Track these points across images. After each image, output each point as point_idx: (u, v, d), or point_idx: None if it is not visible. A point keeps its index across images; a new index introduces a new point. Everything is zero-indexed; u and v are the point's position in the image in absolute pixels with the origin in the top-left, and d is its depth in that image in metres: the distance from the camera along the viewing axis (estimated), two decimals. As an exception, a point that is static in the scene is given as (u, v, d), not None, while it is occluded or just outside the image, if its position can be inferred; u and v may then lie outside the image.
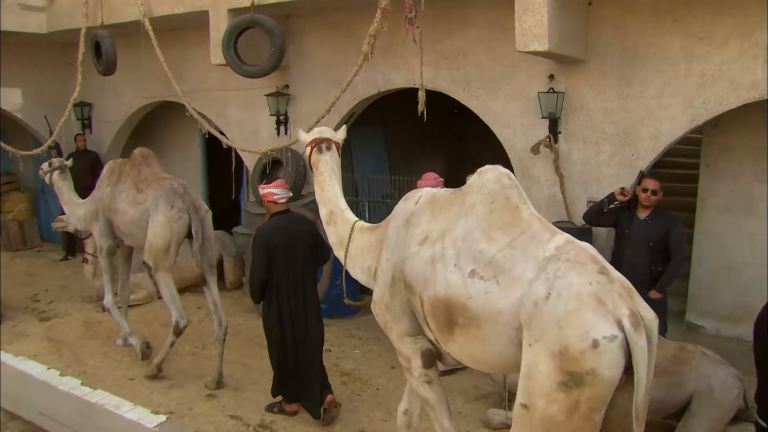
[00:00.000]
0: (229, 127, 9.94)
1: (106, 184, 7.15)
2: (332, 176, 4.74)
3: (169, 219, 6.45)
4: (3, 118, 11.92)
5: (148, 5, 8.81)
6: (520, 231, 3.55)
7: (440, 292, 3.65)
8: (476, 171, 3.88)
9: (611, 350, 3.05)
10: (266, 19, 7.49)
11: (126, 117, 11.49)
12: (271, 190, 5.72)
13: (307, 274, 5.75)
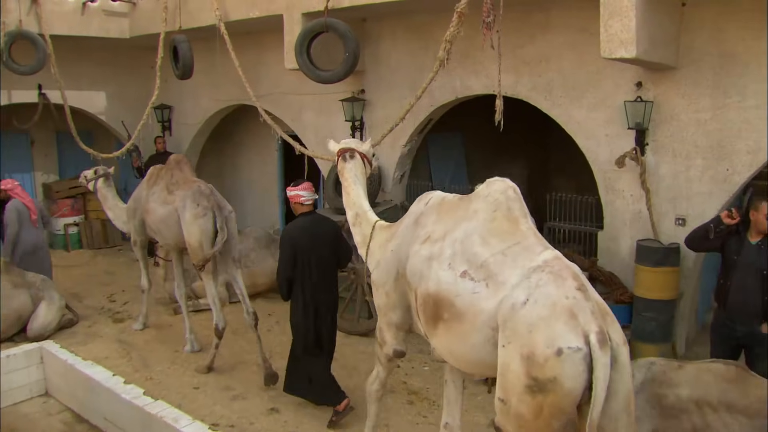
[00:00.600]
0: (304, 132, 9.82)
1: (144, 186, 7.72)
2: (356, 181, 5.10)
3: (195, 216, 6.91)
4: (88, 120, 12.18)
5: (224, 10, 8.76)
6: (515, 241, 3.76)
7: (431, 288, 3.92)
8: (485, 181, 4.11)
9: (574, 361, 3.21)
10: (340, 24, 7.28)
11: (204, 120, 11.56)
12: (298, 192, 5.94)
13: (330, 272, 5.99)
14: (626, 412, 3.38)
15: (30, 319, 8.24)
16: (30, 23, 9.89)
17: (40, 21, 9.93)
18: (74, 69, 11.33)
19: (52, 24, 10.10)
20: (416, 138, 8.59)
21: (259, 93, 10.12)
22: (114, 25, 10.70)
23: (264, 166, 12.36)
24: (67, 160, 13.39)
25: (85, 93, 11.70)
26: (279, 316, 8.68)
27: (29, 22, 9.88)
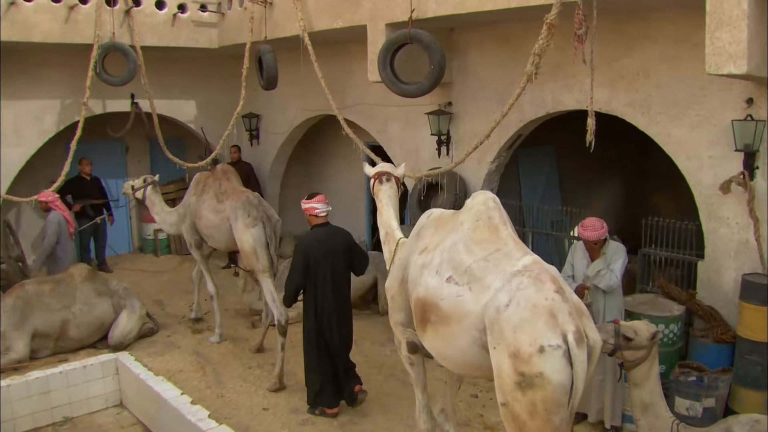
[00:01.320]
0: (390, 144, 9.56)
1: (193, 193, 8.30)
2: (388, 203, 5.53)
3: (246, 225, 7.43)
4: (180, 127, 12.34)
5: (309, 20, 8.61)
6: (496, 247, 4.05)
7: (421, 293, 4.26)
8: (471, 195, 4.60)
9: (555, 357, 3.49)
10: (424, 35, 6.96)
11: (290, 129, 11.48)
12: (313, 205, 6.30)
13: (343, 281, 6.30)
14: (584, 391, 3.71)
15: (111, 326, 8.30)
16: (123, 35, 10.07)
17: (132, 33, 10.10)
18: (165, 78, 11.49)
19: (144, 35, 10.25)
20: (504, 154, 8.17)
21: (345, 104, 10.00)
22: (203, 35, 10.76)
23: (351, 176, 12.18)
24: (158, 167, 13.54)
25: (175, 102, 11.84)
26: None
27: (122, 34, 10.05)
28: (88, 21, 9.75)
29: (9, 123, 10.42)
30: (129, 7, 10.02)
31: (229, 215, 7.64)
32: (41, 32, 9.49)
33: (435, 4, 6.97)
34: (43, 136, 10.72)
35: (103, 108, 11.14)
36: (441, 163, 8.55)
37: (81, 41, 9.74)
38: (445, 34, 8.21)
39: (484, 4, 6.52)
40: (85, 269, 8.49)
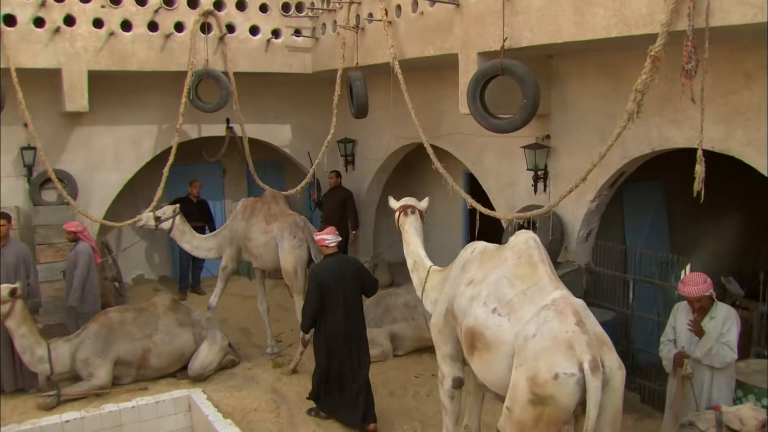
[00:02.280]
0: (485, 177, 9.05)
1: (241, 218, 8.92)
2: (415, 234, 6.08)
3: (292, 246, 8.28)
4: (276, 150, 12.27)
5: (399, 47, 8.25)
6: (533, 282, 4.54)
7: (470, 323, 4.73)
8: (515, 233, 4.97)
9: (568, 384, 3.96)
10: (517, 66, 6.42)
11: (386, 156, 11.16)
12: (323, 237, 6.88)
13: (354, 304, 6.75)
14: (611, 427, 4.09)
15: (192, 357, 8.20)
16: (216, 62, 10.06)
17: (226, 59, 10.07)
18: (260, 102, 11.45)
19: (237, 61, 10.21)
20: (606, 192, 7.49)
21: (440, 132, 9.59)
22: (297, 60, 10.63)
23: (449, 204, 11.71)
24: (256, 189, 13.58)
25: (270, 126, 11.77)
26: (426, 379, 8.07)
27: (216, 61, 10.05)
28: (183, 48, 9.80)
29: (108, 148, 10.64)
30: (223, 33, 10.00)
31: (276, 236, 8.43)
32: (138, 61, 9.61)
33: (529, 32, 6.44)
34: (140, 160, 10.88)
35: (199, 132, 11.20)
36: (537, 200, 7.97)
37: (176, 68, 9.81)
38: (542, 62, 7.65)
39: (581, 33, 5.93)
40: (168, 299, 8.46)
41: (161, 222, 9.03)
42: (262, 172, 13.56)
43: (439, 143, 9.68)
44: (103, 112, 10.42)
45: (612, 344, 4.22)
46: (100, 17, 9.38)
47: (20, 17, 9.03)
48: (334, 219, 11.35)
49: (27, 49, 9.09)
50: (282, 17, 10.43)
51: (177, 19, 9.80)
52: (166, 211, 9.11)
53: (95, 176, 10.60)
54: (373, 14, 8.74)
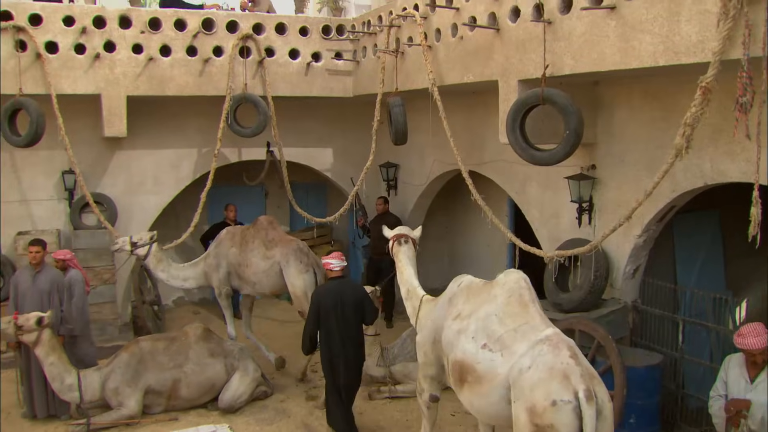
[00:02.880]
0: (528, 207, 8.69)
1: (230, 245, 8.93)
2: (408, 263, 6.46)
3: (299, 271, 8.48)
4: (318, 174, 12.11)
5: (439, 73, 7.99)
6: (525, 321, 4.78)
7: (459, 356, 4.95)
8: (504, 272, 5.28)
9: (566, 411, 4.21)
10: (559, 96, 6.07)
11: (428, 181, 10.86)
12: (328, 261, 6.96)
13: (351, 328, 6.80)
14: None
15: (223, 388, 8.02)
16: (255, 86, 9.95)
17: (265, 84, 9.95)
18: (301, 126, 11.33)
19: (276, 85, 10.09)
20: (654, 227, 7.06)
21: (483, 159, 9.28)
22: (337, 84, 10.46)
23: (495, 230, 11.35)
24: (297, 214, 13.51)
25: (311, 150, 11.63)
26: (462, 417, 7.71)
27: (254, 85, 9.95)
28: (222, 73, 9.74)
29: (148, 171, 10.63)
30: (262, 57, 9.90)
31: (279, 261, 8.54)
32: (177, 86, 9.58)
33: (572, 59, 6.10)
34: (180, 184, 10.84)
35: (239, 156, 11.13)
36: (582, 233, 7.58)
37: (214, 93, 9.75)
38: (587, 88, 7.29)
39: (627, 60, 5.57)
40: (200, 328, 8.30)
41: (137, 248, 8.91)
42: (305, 195, 13.49)
43: (482, 170, 9.37)
44: (143, 136, 10.43)
45: (601, 379, 4.53)
46: (139, 43, 9.39)
47: (62, 44, 9.09)
48: (384, 245, 11.09)
49: (68, 75, 9.14)
50: (322, 40, 10.28)
51: (216, 44, 9.75)
52: (143, 236, 8.99)
53: (135, 200, 10.60)
54: (413, 38, 8.50)
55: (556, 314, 7.28)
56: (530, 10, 6.53)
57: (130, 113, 9.66)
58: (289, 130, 11.13)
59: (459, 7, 7.62)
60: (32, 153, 9.71)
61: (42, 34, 8.99)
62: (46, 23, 9.02)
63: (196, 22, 9.60)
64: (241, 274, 8.88)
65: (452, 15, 7.77)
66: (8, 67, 8.90)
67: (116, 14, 9.26)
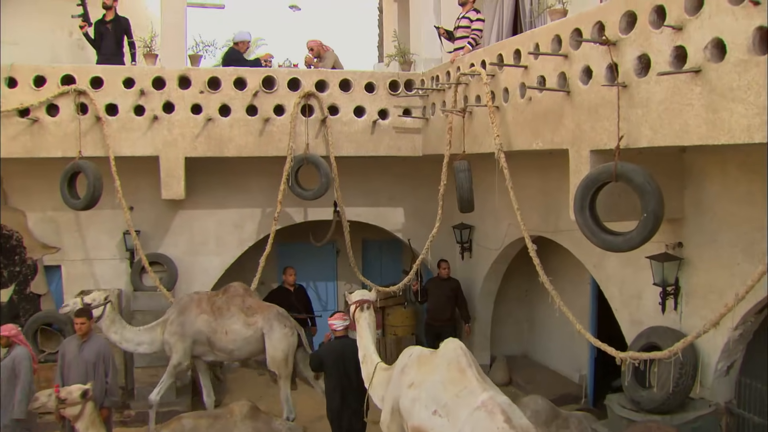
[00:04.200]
0: (607, 284, 7.78)
1: (198, 312, 8.60)
2: (367, 329, 6.70)
3: (285, 335, 8.52)
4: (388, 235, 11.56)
5: (507, 136, 7.29)
6: (464, 386, 5.21)
7: (416, 423, 5.40)
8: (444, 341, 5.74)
9: None
10: (636, 172, 5.21)
11: (503, 246, 10.05)
12: (332, 321, 7.32)
13: (354, 382, 7.05)
14: None
15: (267, 471, 7.45)
16: (318, 146, 9.51)
17: (328, 144, 9.47)
18: (371, 185, 10.84)
19: (340, 145, 9.60)
20: (752, 319, 6.04)
21: (559, 227, 8.49)
22: (405, 142, 9.87)
23: (576, 299, 10.41)
24: (371, 270, 12.96)
25: (381, 209, 11.06)
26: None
27: (317, 145, 9.51)
28: (283, 132, 9.35)
29: (211, 231, 10.36)
30: (325, 116, 9.44)
31: (262, 327, 8.51)
32: (236, 146, 9.27)
33: (650, 130, 5.27)
34: (243, 245, 10.51)
35: (304, 216, 10.70)
36: (666, 320, 6.64)
37: (275, 154, 9.38)
38: (674, 156, 6.41)
39: (715, 135, 4.70)
40: (246, 406, 7.75)
41: (90, 308, 8.29)
42: (378, 252, 12.98)
43: (558, 239, 8.56)
44: (205, 195, 10.19)
45: None
46: (198, 103, 9.15)
47: (121, 106, 8.97)
48: (445, 311, 10.42)
49: (126, 138, 9.01)
50: (389, 96, 9.75)
51: (277, 102, 9.39)
52: (96, 297, 8.41)
53: (197, 260, 10.33)
54: (480, 97, 7.83)
55: (633, 414, 6.35)
56: (603, 71, 5.76)
57: (192, 172, 9.42)
58: (358, 188, 10.63)
59: (527, 65, 6.91)
60: (96, 212, 9.58)
61: (102, 97, 8.91)
62: (107, 85, 8.93)
63: (256, 81, 9.28)
64: (215, 342, 8.60)
65: (520, 74, 7.07)
66: (69, 130, 8.87)
67: (175, 74, 9.06)
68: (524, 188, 8.89)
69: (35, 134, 8.85)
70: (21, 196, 9.93)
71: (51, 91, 8.78)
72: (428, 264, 11.06)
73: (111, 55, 9.44)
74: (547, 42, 6.60)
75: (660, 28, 5.13)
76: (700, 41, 4.76)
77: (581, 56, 6.09)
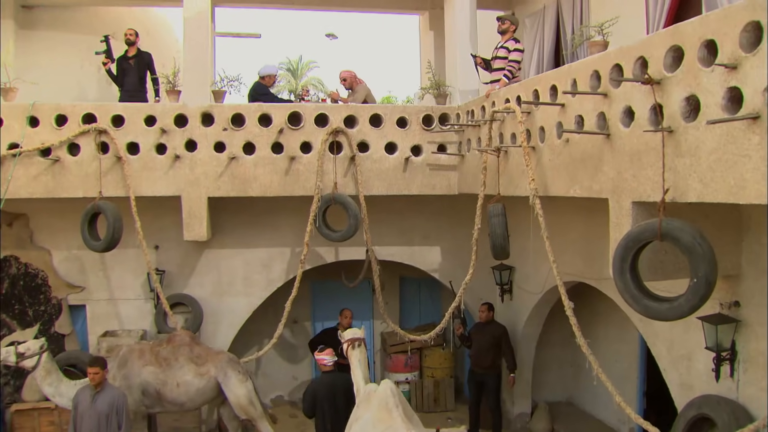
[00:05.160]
0: (654, 341, 7.06)
1: (143, 364, 8.19)
2: (359, 365, 7.30)
3: (240, 381, 8.31)
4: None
5: (542, 179, 6.71)
6: (389, 425, 5.80)
7: None
8: (380, 382, 6.55)
9: None
10: (683, 230, 4.56)
11: (544, 291, 9.38)
12: (322, 357, 7.70)
13: (343, 415, 7.25)
14: None
15: None
16: (347, 184, 9.04)
17: (357, 182, 8.98)
18: (405, 222, 10.33)
19: (371, 183, 9.10)
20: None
21: (602, 273, 7.77)
22: (440, 180, 9.32)
23: (624, 345, 9.70)
24: (409, 309, 12.43)
25: (416, 248, 10.49)
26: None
27: (346, 183, 9.04)
28: (310, 171, 8.91)
29: (238, 271, 9.98)
30: (354, 153, 8.96)
31: (216, 375, 8.25)
32: (261, 185, 8.86)
33: (699, 182, 4.62)
34: (271, 285, 10.10)
35: (336, 256, 10.22)
36: (721, 389, 5.91)
37: (302, 193, 8.93)
38: (726, 209, 5.71)
39: (777, 192, 4.05)
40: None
41: (24, 358, 7.83)
42: (416, 290, 12.45)
43: (602, 287, 7.90)
44: (232, 234, 9.86)
45: None
46: (221, 140, 8.79)
47: (142, 144, 8.70)
48: (487, 358, 9.74)
49: (148, 177, 8.71)
50: (423, 131, 9.22)
51: (303, 139, 8.96)
52: (31, 346, 7.90)
53: (223, 301, 9.97)
54: (516, 136, 7.25)
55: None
56: (647, 113, 5.14)
57: (218, 210, 9.10)
58: (391, 226, 10.15)
59: (564, 103, 6.31)
60: (120, 251, 9.30)
61: (123, 135, 8.64)
62: (128, 123, 8.67)
63: (281, 117, 8.87)
64: (165, 394, 8.17)
65: (557, 112, 6.47)
66: (90, 170, 8.63)
67: (198, 111, 8.72)
68: (566, 230, 8.27)
69: (56, 174, 8.62)
70: (46, 234, 9.75)
71: (72, 130, 8.54)
72: (468, 308, 10.48)
73: (134, 91, 9.21)
74: (585, 78, 6.01)
75: (711, 66, 4.49)
76: (758, 82, 4.11)
77: (622, 95, 5.48)
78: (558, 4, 9.78)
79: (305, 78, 47.78)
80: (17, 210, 9.57)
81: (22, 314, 9.78)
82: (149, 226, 9.35)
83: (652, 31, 7.51)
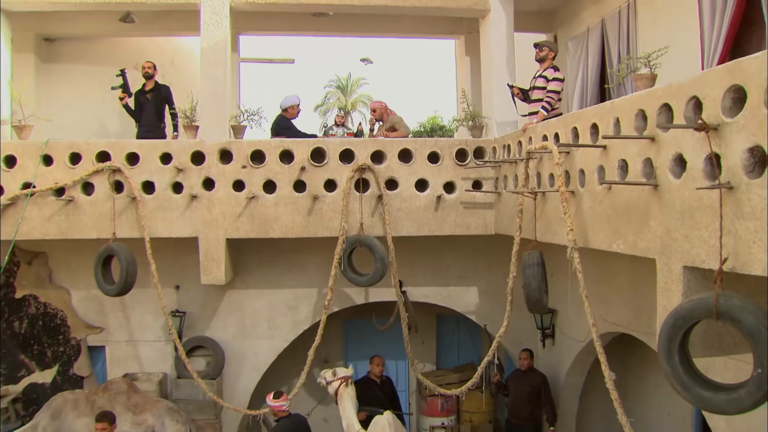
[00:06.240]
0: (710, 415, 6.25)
1: (76, 415, 7.90)
2: (349, 402, 7.88)
3: (178, 430, 8.00)
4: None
5: (582, 229, 6.02)
6: None
7: None
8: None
9: None
10: (744, 310, 3.77)
11: (588, 339, 8.59)
12: (280, 403, 7.60)
13: None
14: None
15: None
16: (374, 225, 8.43)
17: (385, 223, 8.36)
18: (439, 262, 9.69)
19: (399, 224, 8.48)
20: None
21: (651, 328, 6.98)
22: (475, 219, 8.64)
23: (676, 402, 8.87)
24: (446, 348, 11.77)
25: (452, 288, 9.84)
26: None
27: (373, 224, 8.43)
28: (334, 210, 8.34)
29: (262, 313, 9.50)
30: (381, 191, 8.35)
31: (154, 425, 8.02)
32: (282, 226, 8.34)
33: (761, 252, 3.88)
34: (297, 328, 9.57)
35: (365, 298, 9.63)
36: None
37: (325, 234, 8.37)
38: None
39: None
40: None
41: None
42: (455, 329, 11.84)
43: (651, 342, 7.08)
44: (255, 275, 9.37)
45: None
46: (240, 179, 8.30)
47: (158, 183, 8.26)
48: (525, 408, 9.06)
49: (163, 218, 8.28)
50: (456, 167, 8.57)
51: (327, 177, 8.39)
52: None
53: (247, 344, 9.49)
54: (554, 177, 6.56)
55: None
56: (701, 163, 4.41)
57: (241, 250, 8.69)
58: (424, 266, 9.54)
59: (606, 145, 5.61)
60: (140, 292, 8.89)
61: (138, 174, 8.24)
62: (143, 161, 8.26)
63: (304, 153, 8.32)
64: None
65: (598, 154, 5.76)
66: (104, 210, 8.23)
67: (216, 148, 8.25)
68: (611, 276, 7.54)
69: (70, 214, 8.25)
70: (65, 273, 9.42)
71: (86, 168, 8.17)
72: (507, 351, 9.77)
73: (151, 126, 8.82)
74: (629, 117, 5.31)
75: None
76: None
77: (672, 140, 4.75)
78: (603, 25, 9.06)
79: (355, 95, 47.52)
80: (36, 249, 9.27)
81: (41, 355, 9.47)
82: (169, 266, 8.95)
83: (708, 62, 6.74)
